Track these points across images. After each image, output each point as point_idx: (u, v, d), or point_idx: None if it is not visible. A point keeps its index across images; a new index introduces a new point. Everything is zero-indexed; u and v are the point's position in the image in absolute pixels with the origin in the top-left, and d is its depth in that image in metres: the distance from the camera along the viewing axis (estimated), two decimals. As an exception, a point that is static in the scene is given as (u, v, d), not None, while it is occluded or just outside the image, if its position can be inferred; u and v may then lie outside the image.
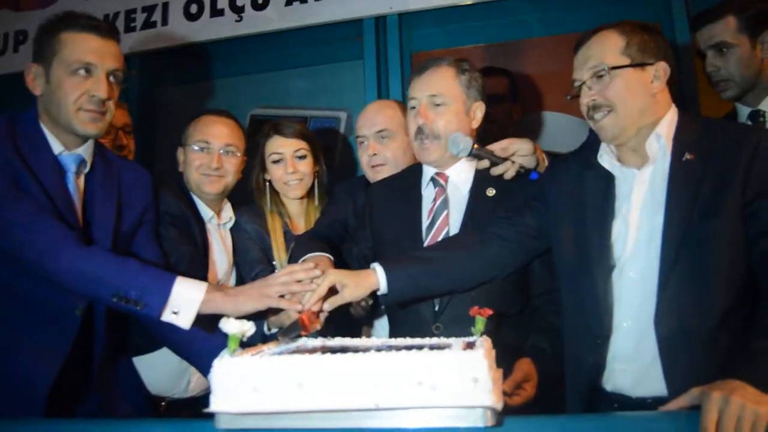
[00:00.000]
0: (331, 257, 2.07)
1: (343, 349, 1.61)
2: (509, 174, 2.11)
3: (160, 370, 2.29)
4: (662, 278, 1.72)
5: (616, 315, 1.79)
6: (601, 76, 1.84)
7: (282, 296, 1.85)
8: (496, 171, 2.12)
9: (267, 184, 2.63)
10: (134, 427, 1.61)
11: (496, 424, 1.36)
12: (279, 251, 2.53)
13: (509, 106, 3.24)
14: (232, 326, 1.50)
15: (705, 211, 1.71)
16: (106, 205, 2.01)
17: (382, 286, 1.93)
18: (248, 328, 1.51)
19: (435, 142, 2.16)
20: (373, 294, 1.98)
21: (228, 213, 2.56)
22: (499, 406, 1.34)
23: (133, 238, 2.11)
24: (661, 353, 1.70)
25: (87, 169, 2.02)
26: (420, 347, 1.61)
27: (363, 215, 2.35)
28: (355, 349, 1.62)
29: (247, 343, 1.56)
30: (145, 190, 2.18)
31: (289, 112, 3.50)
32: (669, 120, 1.86)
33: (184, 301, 1.78)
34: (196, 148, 2.45)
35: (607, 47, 1.85)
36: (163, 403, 2.33)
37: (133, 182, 2.13)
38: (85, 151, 2.01)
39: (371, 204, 2.33)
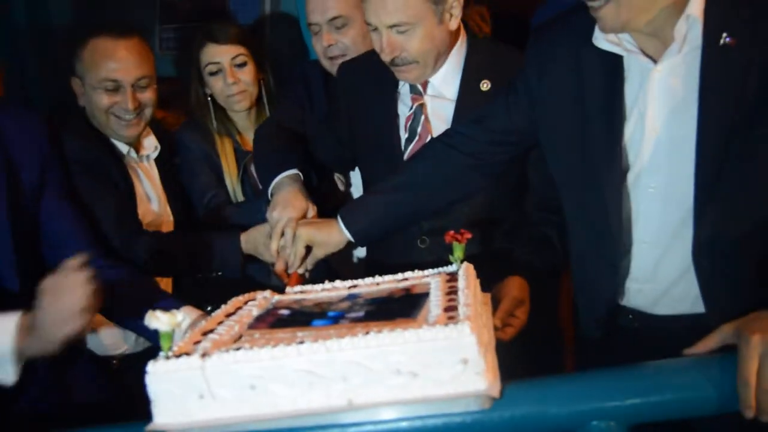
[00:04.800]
0: (301, 174, 2.05)
1: (296, 316, 1.43)
2: None
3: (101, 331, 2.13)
4: (700, 198, 1.49)
5: (632, 233, 1.60)
6: None
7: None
8: None
9: (209, 99, 2.46)
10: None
11: (492, 403, 1.19)
12: (231, 174, 2.42)
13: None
14: (160, 321, 1.28)
15: (751, 112, 1.43)
16: None
17: (348, 236, 1.89)
18: (180, 319, 1.29)
19: (412, 65, 1.93)
20: None
21: (151, 142, 2.31)
22: (496, 389, 1.15)
23: (39, 204, 1.79)
24: (701, 286, 1.54)
25: None
26: (387, 301, 1.44)
27: (338, 104, 2.20)
28: (309, 315, 1.42)
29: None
30: (36, 139, 1.80)
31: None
32: None
33: None
34: (100, 89, 2.12)
35: None
36: (114, 362, 2.19)
37: (18, 132, 1.75)
38: None
39: (344, 89, 2.16)
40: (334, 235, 1.88)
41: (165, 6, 3.22)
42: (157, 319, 1.28)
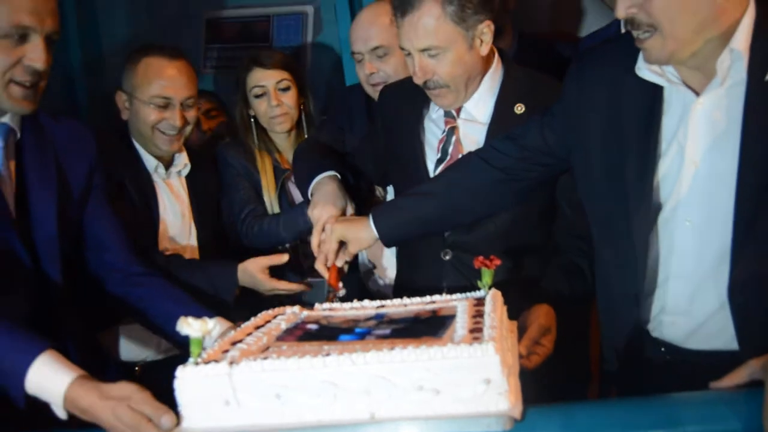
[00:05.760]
0: (339, 175, 2.16)
1: (323, 330, 1.47)
2: None
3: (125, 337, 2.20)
4: (738, 235, 1.46)
5: (665, 267, 1.58)
6: None
7: None
8: None
9: (252, 120, 2.62)
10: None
11: (513, 425, 1.20)
12: (269, 189, 2.57)
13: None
14: (191, 328, 1.32)
15: None
16: (44, 177, 1.74)
17: (375, 234, 1.95)
18: (211, 327, 1.33)
19: (444, 89, 1.98)
20: None
21: (182, 159, 2.40)
22: (518, 411, 1.16)
23: (84, 208, 1.87)
24: (736, 323, 1.50)
25: (17, 138, 1.72)
26: (414, 321, 1.47)
27: (376, 123, 2.29)
28: (336, 330, 1.45)
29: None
30: (85, 148, 1.89)
31: (249, 12, 3.21)
32: (746, 25, 1.43)
33: (44, 391, 1.42)
34: (151, 104, 2.24)
35: None
36: (136, 368, 2.24)
37: (69, 142, 1.84)
38: (12, 118, 1.68)
39: (382, 111, 2.24)
40: (365, 232, 1.96)
41: (211, 27, 3.35)
42: (189, 326, 1.32)
